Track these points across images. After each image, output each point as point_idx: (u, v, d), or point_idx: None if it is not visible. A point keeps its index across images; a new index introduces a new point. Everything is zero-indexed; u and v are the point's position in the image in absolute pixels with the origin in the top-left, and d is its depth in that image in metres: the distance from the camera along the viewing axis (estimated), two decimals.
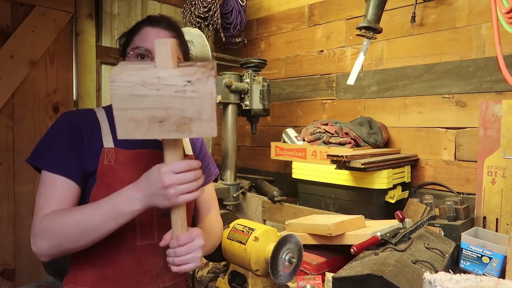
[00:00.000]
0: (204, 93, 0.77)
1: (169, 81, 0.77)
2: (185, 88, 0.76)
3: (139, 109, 0.79)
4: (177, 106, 0.78)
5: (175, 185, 0.88)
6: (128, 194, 0.94)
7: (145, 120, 0.80)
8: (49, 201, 1.01)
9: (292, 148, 2.15)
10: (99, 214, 0.94)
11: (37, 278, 2.31)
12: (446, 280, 0.90)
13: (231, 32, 2.70)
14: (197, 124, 0.79)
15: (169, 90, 0.77)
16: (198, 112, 0.78)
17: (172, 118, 0.79)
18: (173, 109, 0.78)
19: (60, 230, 0.95)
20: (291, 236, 1.35)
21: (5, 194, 2.24)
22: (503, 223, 1.60)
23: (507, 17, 1.28)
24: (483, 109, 1.68)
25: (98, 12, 2.60)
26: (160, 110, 0.78)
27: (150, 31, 1.11)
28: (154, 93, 0.77)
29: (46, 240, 0.97)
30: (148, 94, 0.78)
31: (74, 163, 1.04)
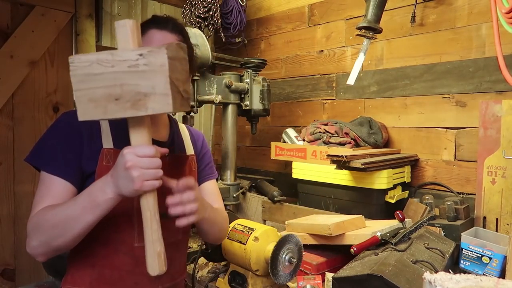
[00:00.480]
0: (155, 65, 0.76)
1: (122, 56, 0.77)
2: (137, 62, 0.76)
3: (96, 88, 0.78)
4: (131, 82, 0.77)
5: (138, 167, 0.85)
6: (102, 182, 0.92)
7: (102, 99, 0.79)
8: (42, 201, 1.01)
9: (292, 148, 2.15)
10: (77, 205, 0.93)
11: (37, 278, 2.31)
12: (446, 280, 0.90)
13: (231, 32, 2.70)
14: (151, 99, 0.77)
15: (122, 66, 0.76)
16: (151, 86, 0.77)
17: (127, 95, 0.78)
18: (128, 85, 0.77)
19: (45, 226, 0.95)
20: (291, 236, 1.35)
21: (5, 194, 2.24)
22: (503, 223, 1.60)
23: (507, 17, 1.28)
24: (483, 109, 1.68)
25: (98, 12, 2.60)
26: (116, 87, 0.78)
27: (156, 34, 1.08)
28: (109, 70, 0.77)
29: (35, 238, 0.97)
30: (104, 72, 0.77)
31: (72, 164, 1.03)
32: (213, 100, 2.08)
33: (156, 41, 1.07)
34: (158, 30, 1.09)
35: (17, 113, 2.27)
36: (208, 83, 2.15)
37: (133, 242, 1.09)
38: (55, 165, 1.02)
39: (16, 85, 2.23)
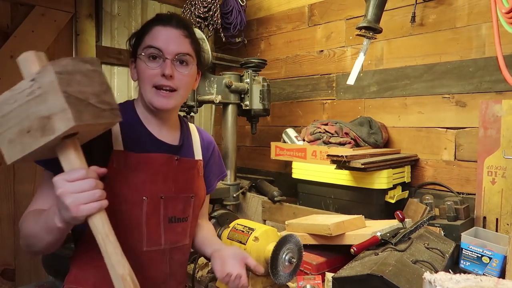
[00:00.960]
0: (46, 85, 0.74)
1: (19, 88, 0.75)
2: (32, 88, 0.74)
3: (11, 127, 0.76)
4: (33, 109, 0.75)
5: (68, 193, 0.79)
6: (53, 210, 0.88)
7: (18, 136, 0.76)
8: (37, 200, 1.02)
9: (292, 148, 2.15)
10: (39, 224, 0.92)
11: (37, 278, 2.31)
12: (446, 280, 0.90)
13: (231, 32, 2.70)
14: (55, 120, 0.74)
15: (22, 97, 0.75)
16: (49, 107, 0.74)
17: (35, 124, 0.75)
18: (32, 114, 0.75)
19: (23, 233, 0.98)
20: (291, 236, 1.34)
21: (5, 194, 2.24)
22: (503, 223, 1.60)
23: (507, 17, 1.28)
24: (483, 109, 1.68)
25: (98, 12, 2.60)
26: (24, 120, 0.76)
27: (161, 30, 1.08)
28: (14, 106, 0.75)
29: (21, 239, 1.00)
30: (11, 109, 0.76)
31: None
32: (213, 100, 2.08)
33: (161, 36, 1.07)
34: (163, 26, 1.09)
35: None
36: (208, 83, 2.15)
37: (142, 247, 1.08)
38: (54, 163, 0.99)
39: None
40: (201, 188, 1.26)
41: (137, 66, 1.11)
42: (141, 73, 1.09)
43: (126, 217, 1.04)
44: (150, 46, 1.07)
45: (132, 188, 1.05)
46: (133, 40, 1.14)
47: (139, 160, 1.06)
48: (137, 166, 1.06)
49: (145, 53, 1.07)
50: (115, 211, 1.02)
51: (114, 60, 2.65)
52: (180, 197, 1.15)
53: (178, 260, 1.18)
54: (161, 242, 1.11)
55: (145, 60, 1.07)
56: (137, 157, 1.06)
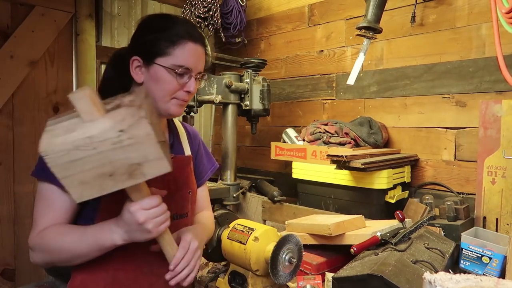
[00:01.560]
0: (140, 137, 0.74)
1: (101, 137, 0.73)
2: (120, 138, 0.73)
3: (84, 171, 0.76)
4: (120, 157, 0.75)
5: (150, 219, 0.90)
6: (110, 229, 0.95)
7: (95, 180, 0.77)
8: (45, 214, 1.01)
9: (292, 148, 2.15)
10: (83, 244, 0.97)
11: (37, 278, 2.31)
12: (446, 280, 0.89)
13: (231, 32, 2.70)
14: (147, 166, 0.78)
15: (105, 145, 0.74)
16: (143, 156, 0.76)
17: (121, 169, 0.77)
18: (118, 161, 0.75)
19: (51, 251, 0.99)
20: (291, 236, 1.34)
21: (5, 194, 2.24)
22: (503, 223, 1.60)
23: (507, 17, 1.28)
24: (483, 109, 1.68)
25: (98, 12, 2.60)
26: (105, 165, 0.75)
27: (193, 49, 1.08)
28: (92, 152, 0.74)
29: (40, 256, 1.01)
30: (87, 155, 0.74)
31: None
32: (213, 100, 2.08)
33: (193, 57, 1.08)
34: (194, 44, 1.08)
35: (17, 113, 2.27)
36: (208, 83, 2.15)
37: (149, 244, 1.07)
38: None
39: (16, 85, 2.23)
40: (195, 183, 1.28)
41: (154, 73, 1.06)
42: (163, 84, 1.06)
43: None
44: (182, 66, 1.06)
45: None
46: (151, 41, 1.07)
47: None
48: None
49: (175, 69, 1.06)
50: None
51: None
52: (179, 194, 1.17)
53: None
54: None
55: (173, 75, 1.06)
56: None
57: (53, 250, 0.99)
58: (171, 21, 1.10)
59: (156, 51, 1.06)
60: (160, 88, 1.07)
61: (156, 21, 1.10)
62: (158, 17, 1.13)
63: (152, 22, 1.11)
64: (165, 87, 1.07)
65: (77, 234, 0.98)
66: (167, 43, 1.05)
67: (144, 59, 1.07)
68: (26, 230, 2.32)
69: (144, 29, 1.10)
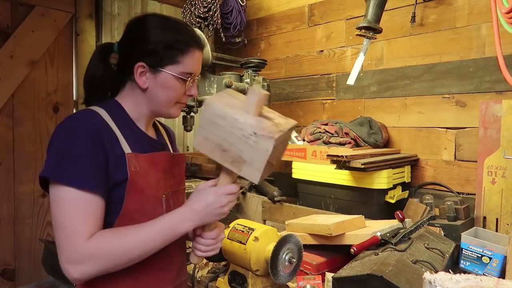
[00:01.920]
0: (261, 147, 0.90)
1: (241, 125, 0.91)
2: (249, 137, 0.90)
3: (214, 133, 0.94)
4: (239, 146, 0.92)
5: (229, 203, 1.01)
6: (183, 216, 1.00)
7: (214, 144, 0.95)
8: (84, 222, 0.93)
9: (292, 148, 2.15)
10: (158, 237, 0.98)
11: (37, 278, 2.31)
12: (446, 280, 0.89)
13: (231, 32, 2.70)
14: (247, 166, 0.93)
15: (238, 132, 0.91)
16: (251, 159, 0.92)
17: (231, 153, 0.94)
18: (235, 146, 0.92)
19: (115, 256, 0.94)
20: (291, 236, 1.34)
21: (5, 194, 2.24)
22: (503, 223, 1.60)
23: (507, 17, 1.28)
24: (483, 109, 1.68)
25: (98, 12, 2.60)
26: (226, 142, 0.93)
27: (198, 56, 1.11)
28: (228, 128, 0.92)
29: (96, 266, 0.93)
30: (223, 126, 0.92)
31: (101, 175, 0.97)
32: None
33: (198, 63, 1.11)
34: (199, 51, 1.11)
35: (17, 113, 2.27)
36: (208, 83, 2.15)
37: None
38: (85, 178, 0.94)
39: (16, 85, 2.23)
40: None
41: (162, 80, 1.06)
42: (171, 91, 1.08)
43: (153, 217, 1.05)
44: (191, 73, 1.09)
45: (152, 188, 1.07)
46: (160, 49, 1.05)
47: (148, 160, 1.08)
48: (149, 166, 1.07)
49: (184, 76, 1.08)
50: (144, 212, 1.04)
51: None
52: (179, 190, 1.21)
53: (184, 249, 1.25)
54: None
55: (181, 82, 1.08)
56: (145, 158, 1.07)
57: (117, 253, 0.94)
58: (176, 27, 1.09)
59: (166, 60, 1.06)
60: (167, 95, 1.08)
61: (160, 26, 1.08)
62: (160, 20, 1.10)
63: (156, 26, 1.07)
64: (172, 94, 1.09)
65: (147, 230, 0.98)
66: (177, 51, 1.06)
67: (151, 66, 1.06)
68: (26, 230, 2.32)
69: (149, 33, 1.07)
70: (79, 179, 0.93)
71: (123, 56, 1.12)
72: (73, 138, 0.96)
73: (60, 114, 2.43)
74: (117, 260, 0.95)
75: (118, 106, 1.11)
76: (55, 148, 0.96)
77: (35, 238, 2.34)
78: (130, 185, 1.01)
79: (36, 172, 2.31)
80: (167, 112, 1.12)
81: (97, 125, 1.00)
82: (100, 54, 1.15)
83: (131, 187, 1.01)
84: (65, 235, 0.92)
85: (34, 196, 2.33)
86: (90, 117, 1.02)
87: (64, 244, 0.92)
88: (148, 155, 1.08)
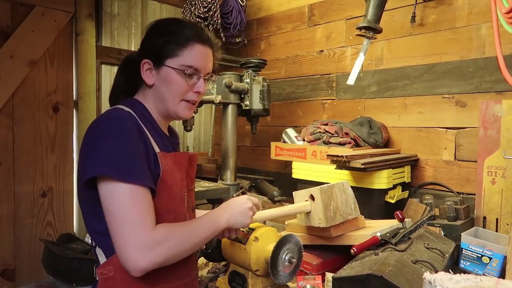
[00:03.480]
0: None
1: None
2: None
3: None
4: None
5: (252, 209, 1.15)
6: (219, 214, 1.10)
7: None
8: (147, 214, 0.97)
9: (292, 148, 2.15)
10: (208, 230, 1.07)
11: (37, 278, 2.31)
12: (446, 280, 0.89)
13: (231, 32, 2.70)
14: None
15: None
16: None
17: None
18: None
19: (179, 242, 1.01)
20: (291, 236, 1.34)
21: (5, 194, 2.24)
22: (503, 223, 1.60)
23: (507, 17, 1.28)
24: (483, 109, 1.68)
25: (98, 12, 2.60)
26: None
27: (201, 50, 1.11)
28: None
29: (163, 253, 0.97)
30: None
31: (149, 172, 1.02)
32: (213, 100, 2.08)
33: (201, 58, 1.11)
34: (202, 46, 1.11)
35: (17, 113, 2.27)
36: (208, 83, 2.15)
37: None
38: (143, 175, 0.99)
39: (16, 85, 2.23)
40: None
41: (164, 75, 1.09)
42: (173, 86, 1.10)
43: (177, 213, 1.10)
44: (191, 66, 1.09)
45: (178, 186, 1.11)
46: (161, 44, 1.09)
47: (173, 159, 1.11)
48: (173, 165, 1.11)
49: (184, 70, 1.09)
50: (169, 209, 1.07)
51: (114, 60, 2.65)
52: (192, 188, 1.25)
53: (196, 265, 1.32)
54: None
55: (182, 76, 1.09)
56: (171, 157, 1.11)
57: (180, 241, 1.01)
58: (181, 24, 1.13)
59: (165, 53, 1.08)
60: (170, 90, 1.10)
61: (165, 25, 1.14)
62: (168, 21, 1.16)
63: (161, 26, 1.14)
64: (175, 89, 1.10)
65: (196, 223, 1.08)
66: (175, 45, 1.08)
67: (154, 62, 1.10)
68: (26, 230, 2.32)
69: (154, 32, 1.13)
70: (137, 176, 0.98)
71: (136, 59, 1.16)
72: (125, 136, 0.99)
73: (60, 114, 2.43)
74: (179, 247, 1.01)
75: (141, 106, 1.14)
76: (106, 146, 0.97)
77: (35, 238, 2.34)
78: (162, 183, 1.04)
79: (36, 172, 2.31)
80: (174, 110, 1.13)
81: (137, 124, 1.05)
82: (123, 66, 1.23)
83: (163, 184, 1.05)
84: (131, 226, 0.95)
85: (34, 196, 2.33)
86: (129, 117, 1.05)
87: (131, 234, 0.94)
88: (173, 154, 1.13)
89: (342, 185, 1.46)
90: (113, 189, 0.96)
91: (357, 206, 1.48)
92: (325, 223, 1.37)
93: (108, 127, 1.00)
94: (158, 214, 1.03)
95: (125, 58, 1.24)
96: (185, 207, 1.14)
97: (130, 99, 1.15)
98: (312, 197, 1.40)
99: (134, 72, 1.14)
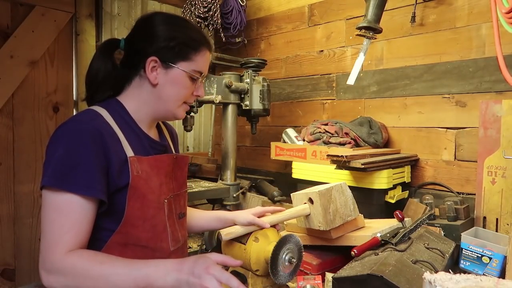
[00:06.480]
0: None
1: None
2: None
3: None
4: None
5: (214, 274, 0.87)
6: (166, 269, 0.88)
7: None
8: (69, 230, 0.90)
9: (292, 148, 2.15)
10: (130, 277, 0.87)
11: (37, 278, 2.30)
12: (446, 280, 0.89)
13: (231, 32, 2.70)
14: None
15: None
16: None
17: None
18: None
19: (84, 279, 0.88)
20: (291, 236, 1.34)
21: (5, 194, 2.24)
22: (503, 223, 1.60)
23: (507, 17, 1.28)
24: (483, 109, 1.68)
25: (98, 12, 2.60)
26: None
27: (208, 57, 1.13)
28: None
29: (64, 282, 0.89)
30: None
31: (102, 180, 0.94)
32: (213, 100, 2.08)
33: (207, 62, 1.13)
34: (209, 52, 1.13)
35: (17, 113, 2.27)
36: (208, 83, 2.15)
37: (169, 248, 1.10)
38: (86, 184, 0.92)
39: (16, 85, 2.23)
40: None
41: (173, 77, 1.06)
42: (181, 89, 1.08)
43: (155, 222, 1.04)
44: (200, 72, 1.10)
45: (154, 193, 1.05)
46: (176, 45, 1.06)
47: (151, 164, 1.06)
48: (151, 170, 1.05)
49: (194, 75, 1.09)
50: (146, 218, 1.02)
51: None
52: (181, 192, 1.19)
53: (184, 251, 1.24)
54: (179, 238, 1.15)
55: (191, 80, 1.09)
56: (148, 161, 1.05)
57: (87, 278, 0.88)
58: (190, 26, 1.12)
59: (180, 56, 1.06)
60: (177, 92, 1.08)
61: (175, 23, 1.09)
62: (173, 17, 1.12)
63: (171, 23, 1.08)
64: (182, 91, 1.09)
65: (122, 265, 0.89)
66: (190, 49, 1.07)
67: (163, 61, 1.06)
68: (26, 230, 2.32)
69: (164, 29, 1.07)
70: (77, 185, 0.91)
71: (131, 52, 1.10)
72: (74, 142, 0.93)
73: (60, 114, 2.43)
74: (86, 284, 0.88)
75: (120, 106, 1.08)
76: (54, 152, 0.93)
77: (35, 238, 2.34)
78: (132, 191, 0.98)
79: (36, 172, 2.31)
80: (173, 112, 1.11)
81: (100, 127, 0.97)
82: (105, 50, 1.12)
83: (133, 192, 0.99)
84: (46, 243, 0.91)
85: (34, 196, 2.33)
86: (91, 119, 0.99)
87: (43, 251, 0.91)
88: (151, 158, 1.06)
89: (340, 186, 1.45)
90: (45, 196, 0.92)
91: (356, 206, 1.47)
92: (325, 226, 1.37)
93: (60, 133, 0.96)
94: (133, 225, 0.98)
95: (108, 43, 1.13)
96: (165, 215, 1.07)
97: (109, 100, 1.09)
98: (311, 200, 1.39)
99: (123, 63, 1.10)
